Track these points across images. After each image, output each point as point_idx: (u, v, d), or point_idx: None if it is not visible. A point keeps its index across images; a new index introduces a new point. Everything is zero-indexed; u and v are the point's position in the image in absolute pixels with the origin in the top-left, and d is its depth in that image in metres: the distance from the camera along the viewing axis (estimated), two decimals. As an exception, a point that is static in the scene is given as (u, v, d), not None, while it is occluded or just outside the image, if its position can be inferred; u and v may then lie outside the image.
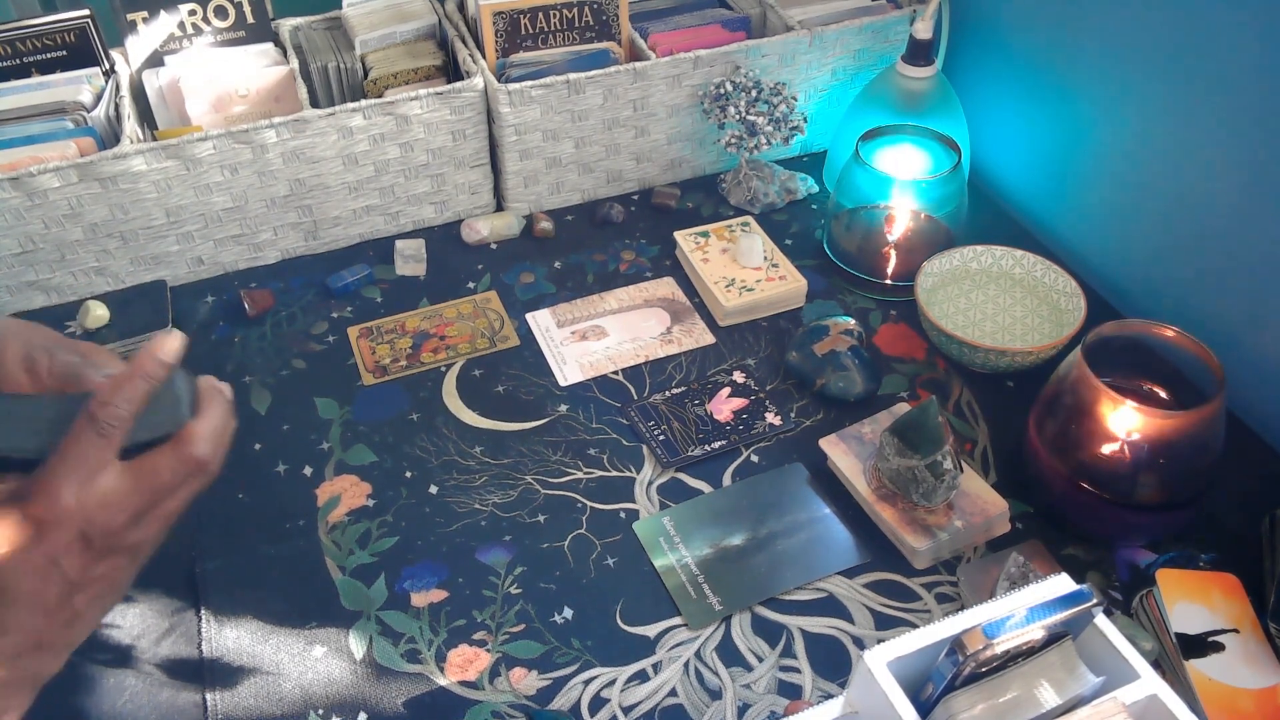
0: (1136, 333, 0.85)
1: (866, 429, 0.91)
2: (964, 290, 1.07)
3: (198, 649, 0.79)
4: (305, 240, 1.16)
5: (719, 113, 1.17)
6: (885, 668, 0.54)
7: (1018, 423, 0.92)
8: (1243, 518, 0.85)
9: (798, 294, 1.09)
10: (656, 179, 1.26)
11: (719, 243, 1.13)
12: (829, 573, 0.83)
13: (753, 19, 1.28)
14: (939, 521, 0.83)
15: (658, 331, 1.06)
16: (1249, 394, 0.95)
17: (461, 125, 1.13)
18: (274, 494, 0.90)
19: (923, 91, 1.15)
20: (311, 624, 0.80)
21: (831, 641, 0.79)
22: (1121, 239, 1.08)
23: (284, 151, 1.07)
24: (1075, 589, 0.54)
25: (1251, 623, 0.75)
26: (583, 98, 1.14)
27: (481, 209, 1.22)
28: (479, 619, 0.81)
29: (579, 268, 1.15)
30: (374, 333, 1.06)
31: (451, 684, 0.76)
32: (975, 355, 0.97)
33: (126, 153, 1.01)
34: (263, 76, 1.13)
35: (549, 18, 1.17)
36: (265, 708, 0.75)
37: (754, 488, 0.90)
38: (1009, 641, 0.52)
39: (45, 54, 1.11)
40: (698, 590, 0.82)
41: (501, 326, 1.07)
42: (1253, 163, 0.90)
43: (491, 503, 0.89)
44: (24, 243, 1.03)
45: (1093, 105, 1.07)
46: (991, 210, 1.22)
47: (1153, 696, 0.54)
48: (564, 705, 0.75)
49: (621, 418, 0.97)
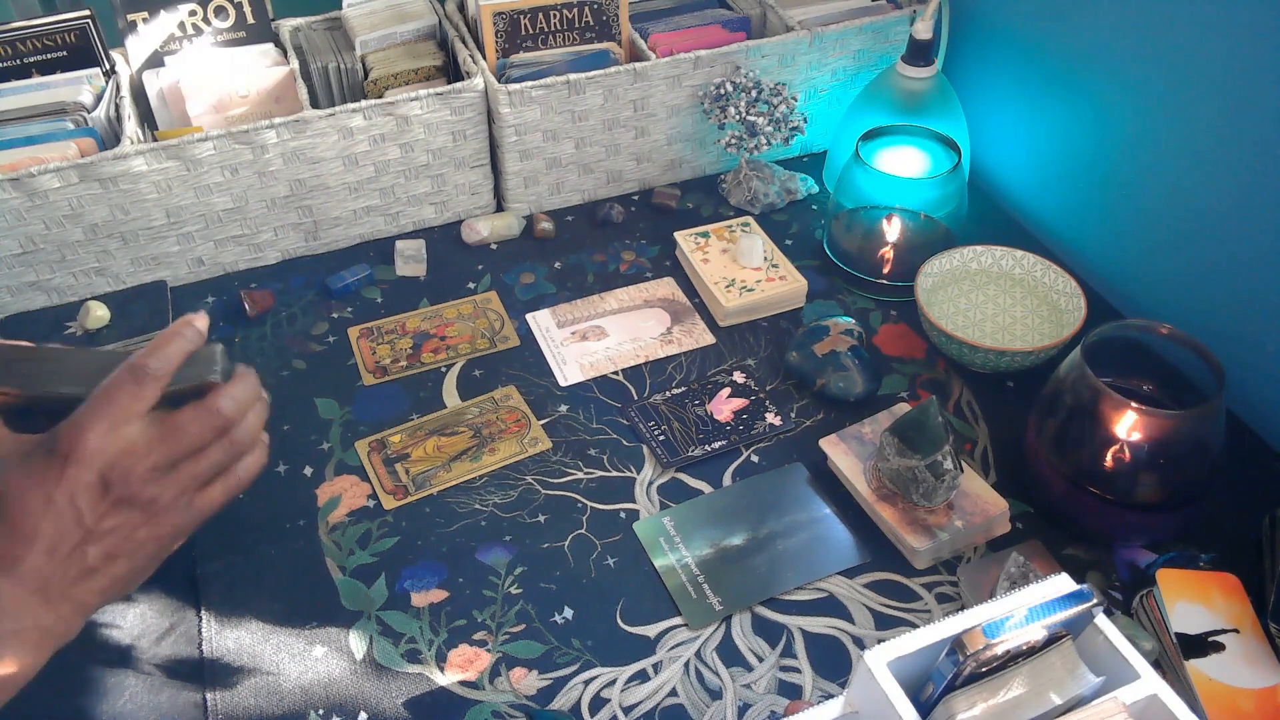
0: (1136, 333, 0.86)
1: (867, 429, 0.91)
2: (964, 290, 1.07)
3: (198, 649, 0.79)
4: (305, 241, 1.16)
5: (719, 113, 1.17)
6: (885, 668, 0.54)
7: (1018, 423, 0.92)
8: (1243, 518, 0.85)
9: (798, 294, 1.09)
10: (657, 179, 1.26)
11: (719, 243, 1.13)
12: (829, 573, 0.83)
13: (753, 19, 1.28)
14: (939, 521, 0.83)
15: (658, 332, 1.06)
16: (1249, 394, 0.95)
17: (462, 126, 1.13)
18: (274, 494, 0.90)
19: (923, 92, 1.15)
20: (312, 624, 0.80)
21: (832, 641, 0.79)
22: (1121, 239, 1.08)
23: (284, 152, 1.07)
24: (1075, 589, 0.54)
25: (1252, 622, 0.75)
26: (583, 98, 1.14)
27: (482, 209, 1.22)
28: (479, 619, 0.81)
29: (579, 268, 1.15)
30: (374, 333, 1.06)
31: (452, 684, 0.76)
32: (975, 355, 0.97)
33: (127, 153, 1.01)
34: (263, 77, 1.13)
35: (549, 18, 1.17)
36: (265, 708, 0.75)
37: (754, 488, 0.90)
38: (1009, 641, 0.52)
39: (45, 54, 1.11)
40: (698, 590, 0.82)
41: (502, 327, 1.07)
42: (1252, 163, 0.90)
43: (492, 503, 0.89)
44: (24, 243, 1.03)
45: (1093, 105, 1.07)
46: (991, 210, 1.22)
47: (1153, 696, 0.54)
48: (564, 705, 0.75)
49: (622, 418, 0.97)
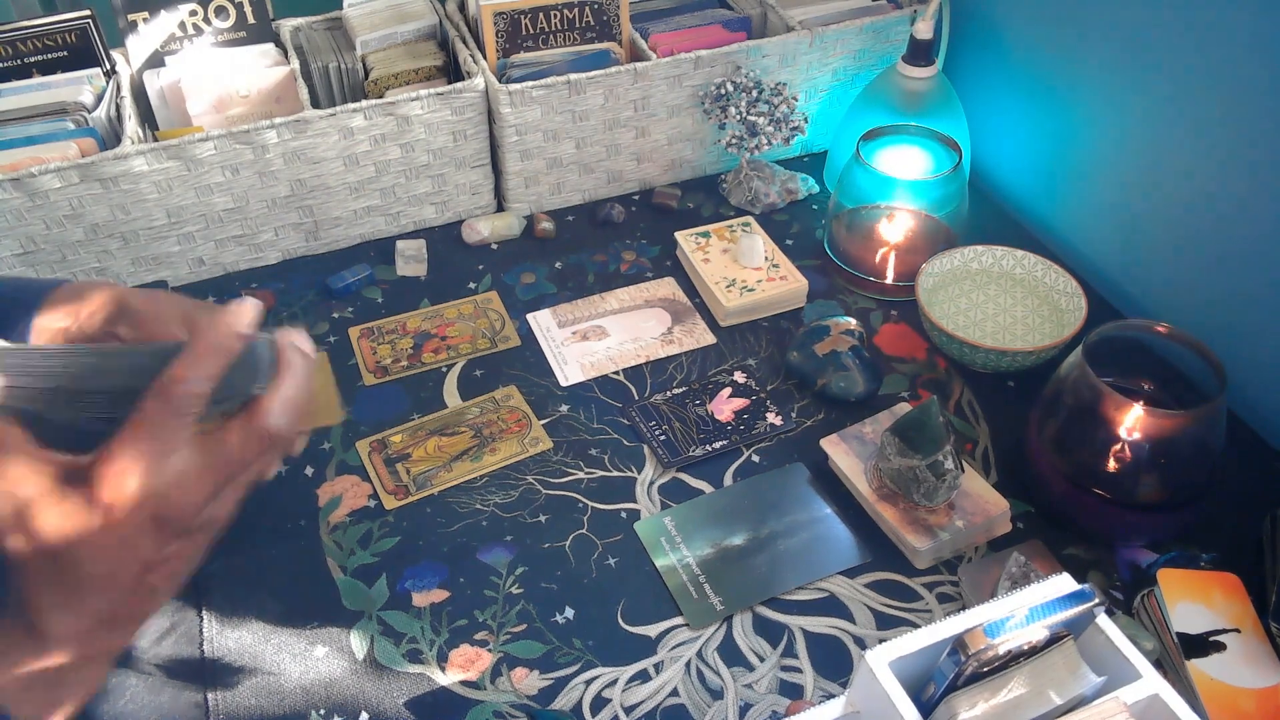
0: (1137, 332, 0.86)
1: (867, 429, 0.91)
2: (965, 290, 1.07)
3: (199, 649, 0.79)
4: (306, 241, 1.16)
5: (720, 113, 1.17)
6: (887, 667, 0.54)
7: (1019, 423, 0.92)
8: (1243, 517, 0.85)
9: (798, 294, 1.09)
10: (657, 179, 1.26)
11: (720, 243, 1.13)
12: (830, 572, 0.83)
13: (753, 19, 1.28)
14: (940, 521, 0.83)
15: (659, 332, 1.06)
16: (1249, 394, 0.95)
17: (462, 126, 1.13)
18: (275, 494, 0.90)
19: (923, 91, 1.15)
20: (313, 624, 0.80)
21: (833, 641, 0.79)
22: (1122, 239, 1.08)
23: (285, 152, 1.07)
24: (1077, 589, 0.54)
25: (1253, 622, 0.75)
26: (583, 98, 1.14)
27: (482, 209, 1.22)
28: (480, 619, 0.81)
29: (580, 268, 1.15)
30: (375, 333, 1.06)
31: (453, 684, 0.76)
32: (976, 355, 0.97)
33: (127, 153, 1.01)
34: (264, 77, 1.13)
35: (550, 18, 1.17)
36: (266, 708, 0.75)
37: (755, 488, 0.90)
38: (1010, 641, 0.52)
39: (46, 54, 1.10)
40: (699, 590, 0.82)
41: (502, 327, 1.07)
42: (1253, 162, 0.90)
43: (493, 503, 0.89)
44: (25, 243, 1.03)
45: (1093, 105, 1.07)
46: (992, 210, 1.22)
47: (1154, 696, 0.54)
48: (565, 705, 0.75)
49: (623, 418, 0.97)
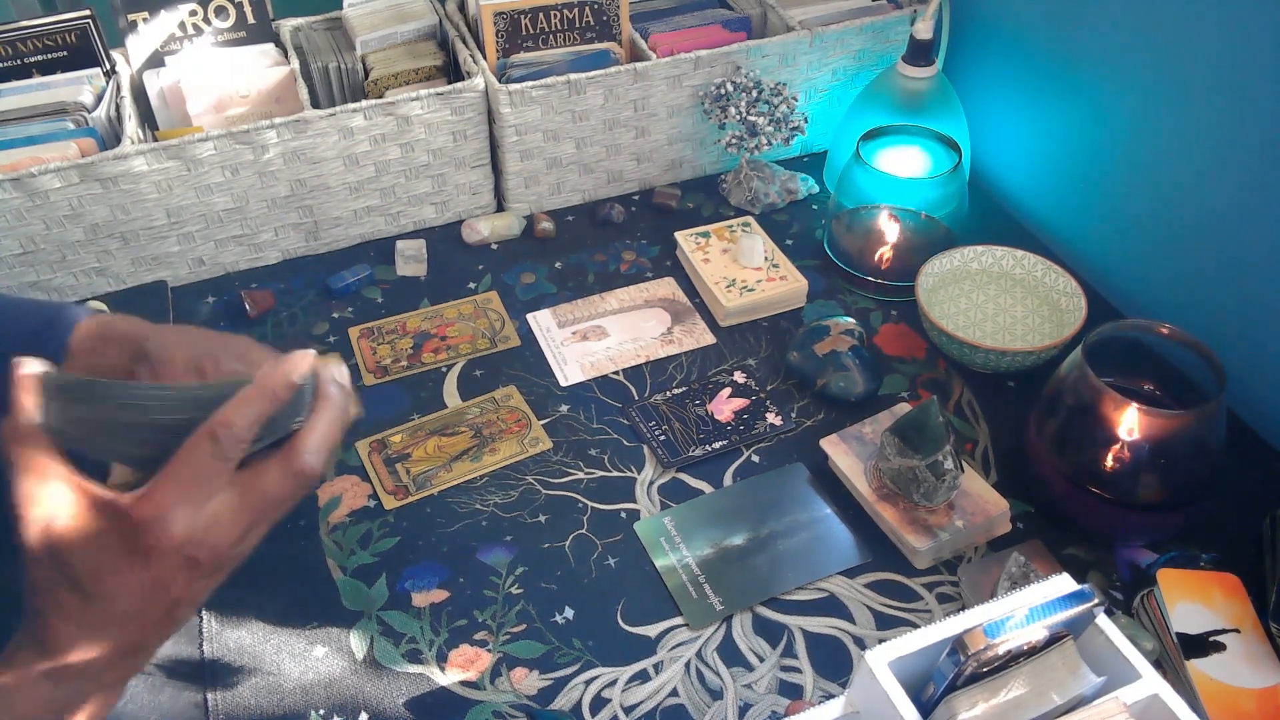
0: (1137, 333, 0.86)
1: (867, 429, 0.91)
2: (964, 290, 1.07)
3: (199, 649, 0.79)
4: (306, 241, 1.16)
5: (719, 113, 1.17)
6: (887, 668, 0.54)
7: (1018, 423, 0.92)
8: (1243, 517, 0.85)
9: (798, 294, 1.09)
10: (657, 179, 1.26)
11: (720, 243, 1.13)
12: (830, 573, 0.83)
13: (753, 19, 1.28)
14: (940, 521, 0.83)
15: (658, 332, 1.06)
16: (1249, 394, 0.95)
17: (462, 126, 1.13)
18: (275, 494, 0.90)
19: (923, 91, 1.15)
20: (313, 624, 0.80)
21: (833, 641, 0.79)
22: (1122, 239, 1.08)
23: (285, 152, 1.07)
24: (1076, 589, 0.54)
25: (1252, 622, 0.75)
26: (583, 98, 1.14)
27: (482, 209, 1.22)
28: (480, 619, 0.81)
29: (580, 268, 1.15)
30: (375, 333, 1.06)
31: (453, 684, 0.76)
32: (976, 355, 0.97)
33: (127, 153, 1.01)
34: (263, 77, 1.13)
35: (549, 18, 1.17)
36: (266, 708, 0.75)
37: (755, 488, 0.90)
38: (1010, 641, 0.52)
39: (46, 54, 1.10)
40: (699, 590, 0.82)
41: (502, 327, 1.07)
42: (1253, 162, 0.90)
43: (492, 503, 0.89)
44: (25, 243, 1.03)
45: (1093, 105, 1.07)
46: (991, 210, 1.22)
47: (1154, 696, 0.55)
48: (565, 705, 0.75)
49: (622, 418, 0.97)
